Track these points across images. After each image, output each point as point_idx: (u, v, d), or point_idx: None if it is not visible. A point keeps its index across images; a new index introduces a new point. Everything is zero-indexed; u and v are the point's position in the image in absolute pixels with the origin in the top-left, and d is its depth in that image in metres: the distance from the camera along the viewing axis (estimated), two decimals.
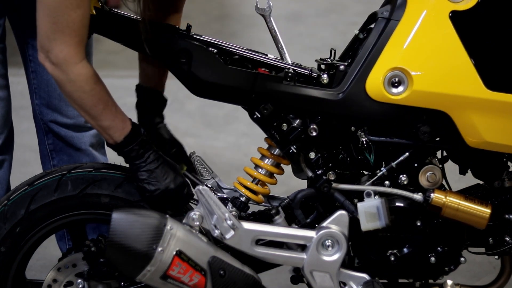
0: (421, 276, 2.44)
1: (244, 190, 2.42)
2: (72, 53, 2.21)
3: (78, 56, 2.22)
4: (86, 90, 2.24)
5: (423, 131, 2.30)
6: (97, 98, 2.25)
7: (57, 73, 2.22)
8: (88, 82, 2.24)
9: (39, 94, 2.82)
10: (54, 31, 2.19)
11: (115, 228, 2.25)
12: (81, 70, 2.22)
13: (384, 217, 2.32)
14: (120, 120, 2.29)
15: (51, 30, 2.19)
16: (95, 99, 2.25)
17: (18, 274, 2.42)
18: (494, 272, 2.61)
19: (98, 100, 2.25)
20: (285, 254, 2.37)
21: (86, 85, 2.24)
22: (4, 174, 2.76)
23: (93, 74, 2.25)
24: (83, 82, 2.23)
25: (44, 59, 2.23)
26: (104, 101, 2.27)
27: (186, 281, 2.30)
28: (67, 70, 2.21)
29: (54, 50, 2.20)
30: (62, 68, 2.21)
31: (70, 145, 2.87)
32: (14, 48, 2.80)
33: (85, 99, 2.24)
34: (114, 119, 2.28)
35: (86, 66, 2.24)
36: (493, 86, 2.26)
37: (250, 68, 2.36)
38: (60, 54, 2.20)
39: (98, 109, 2.26)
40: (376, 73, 2.29)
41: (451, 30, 2.26)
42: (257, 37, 5.85)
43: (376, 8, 2.40)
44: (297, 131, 2.33)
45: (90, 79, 2.24)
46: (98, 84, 2.26)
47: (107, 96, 2.28)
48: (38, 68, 2.79)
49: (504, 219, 2.41)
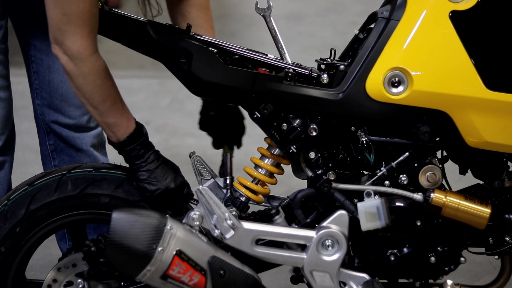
0: (421, 276, 2.44)
1: (244, 190, 2.42)
2: (85, 45, 2.21)
3: (91, 47, 2.22)
4: (98, 83, 2.24)
5: (423, 131, 2.30)
6: (107, 92, 2.26)
7: (70, 66, 2.22)
8: (100, 76, 2.24)
9: (41, 94, 2.82)
10: (65, 23, 2.19)
11: (115, 228, 2.25)
12: (95, 63, 2.23)
13: (384, 217, 2.32)
14: (125, 118, 2.29)
15: (62, 21, 2.19)
16: (105, 94, 2.25)
17: (18, 274, 2.42)
18: (494, 272, 2.61)
19: (107, 95, 2.26)
20: (285, 254, 2.37)
21: (98, 78, 2.24)
22: (5, 175, 2.75)
23: (105, 67, 2.26)
24: (95, 75, 2.23)
25: (58, 51, 2.22)
26: (112, 97, 2.27)
27: (186, 281, 2.30)
28: (81, 63, 2.21)
29: (67, 42, 2.20)
30: (75, 61, 2.21)
31: (71, 146, 2.86)
32: (14, 48, 2.80)
33: (96, 93, 2.24)
34: (120, 117, 2.28)
35: (99, 59, 2.24)
36: (493, 86, 2.26)
37: (250, 68, 2.36)
38: (73, 46, 2.20)
39: (107, 104, 2.26)
40: (376, 73, 2.29)
41: (451, 30, 2.26)
42: (257, 37, 5.85)
43: (376, 8, 2.40)
44: (297, 131, 2.33)
45: (102, 72, 2.25)
46: (109, 78, 2.27)
47: (116, 92, 2.28)
48: (39, 68, 2.79)
49: (504, 219, 2.41)
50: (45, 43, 2.74)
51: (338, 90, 2.32)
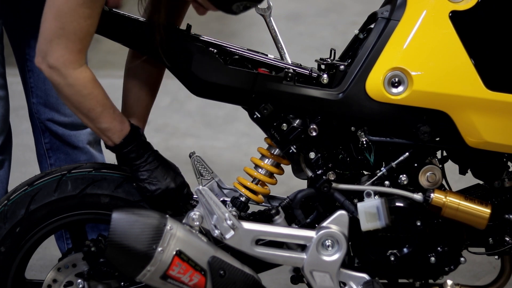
0: (421, 276, 2.44)
1: (244, 190, 2.42)
2: (73, 59, 2.20)
3: (79, 62, 2.21)
4: (84, 94, 2.23)
5: (423, 131, 2.30)
6: (95, 101, 2.25)
7: (54, 77, 2.21)
8: (86, 86, 2.23)
9: (36, 93, 2.81)
10: (59, 36, 2.18)
11: (115, 228, 2.25)
12: (80, 75, 2.22)
13: (384, 217, 2.32)
14: (118, 122, 2.29)
15: (56, 34, 2.18)
16: (93, 102, 2.25)
17: (18, 274, 2.42)
18: (494, 272, 2.61)
19: (96, 103, 2.25)
20: (285, 254, 2.37)
21: (85, 89, 2.23)
22: (4, 174, 2.75)
23: (92, 78, 2.24)
24: (81, 86, 2.23)
25: (41, 62, 2.21)
26: (102, 104, 2.26)
27: (186, 281, 2.30)
28: (66, 74, 2.20)
29: (54, 54, 2.19)
30: (60, 72, 2.20)
31: (67, 144, 2.86)
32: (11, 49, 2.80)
33: (83, 103, 2.24)
34: (113, 121, 2.28)
35: (85, 71, 2.23)
36: (493, 86, 2.26)
37: (250, 68, 2.36)
38: (60, 59, 2.19)
39: (96, 112, 2.25)
40: (376, 73, 2.29)
41: (451, 30, 2.26)
42: (257, 37, 5.85)
43: (376, 8, 2.40)
44: (297, 131, 2.33)
45: (88, 83, 2.24)
46: (96, 88, 2.25)
47: (105, 99, 2.27)
48: (34, 67, 2.78)
49: (504, 219, 2.41)
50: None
51: (338, 90, 2.32)
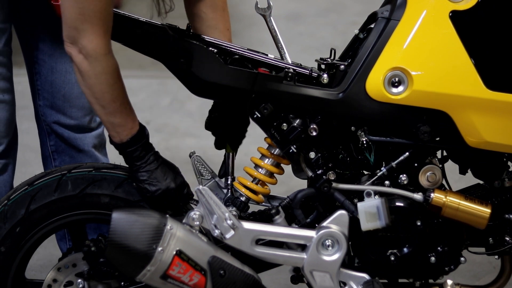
0: (421, 276, 2.44)
1: (244, 190, 2.42)
2: (101, 44, 2.21)
3: (106, 47, 2.22)
4: (110, 83, 2.24)
5: (423, 131, 2.30)
6: (117, 93, 2.26)
7: (85, 65, 2.22)
8: (113, 75, 2.25)
9: (43, 95, 2.82)
10: (82, 21, 2.18)
11: (115, 228, 2.25)
12: (108, 62, 2.23)
13: (384, 217, 2.32)
14: (131, 119, 2.30)
15: (79, 20, 2.19)
16: (115, 94, 2.26)
17: (18, 274, 2.42)
18: (494, 272, 2.61)
19: (117, 95, 2.26)
20: (285, 254, 2.37)
21: (111, 78, 2.24)
22: (8, 177, 2.75)
23: (117, 67, 2.26)
24: (108, 74, 2.23)
25: (73, 50, 2.22)
26: (121, 97, 2.27)
27: (186, 281, 2.30)
28: (95, 62, 2.21)
29: (83, 41, 2.20)
30: (90, 60, 2.21)
31: (72, 147, 2.87)
32: (14, 49, 2.80)
33: (107, 93, 2.25)
34: (127, 118, 2.29)
35: (112, 58, 2.25)
36: (493, 86, 2.26)
37: (250, 68, 2.36)
38: (89, 45, 2.20)
39: (116, 104, 2.26)
40: (376, 73, 2.29)
41: (451, 30, 2.26)
42: (257, 37, 5.84)
43: (376, 8, 2.40)
44: (297, 131, 2.33)
45: (114, 72, 2.25)
46: (120, 79, 2.27)
47: (124, 93, 2.29)
48: (42, 69, 2.79)
49: (504, 219, 2.41)
50: (48, 44, 2.74)
51: (338, 90, 2.32)
